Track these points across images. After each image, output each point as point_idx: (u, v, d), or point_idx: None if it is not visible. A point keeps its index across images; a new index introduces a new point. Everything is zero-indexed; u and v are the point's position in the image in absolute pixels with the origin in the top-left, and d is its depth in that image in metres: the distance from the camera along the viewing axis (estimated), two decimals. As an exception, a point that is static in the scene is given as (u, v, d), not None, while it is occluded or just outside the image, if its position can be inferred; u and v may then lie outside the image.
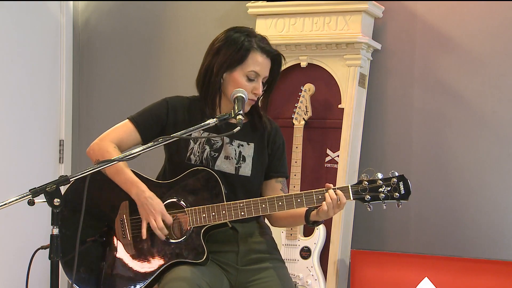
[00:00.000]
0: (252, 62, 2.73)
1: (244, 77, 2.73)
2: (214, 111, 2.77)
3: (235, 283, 2.74)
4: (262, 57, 2.74)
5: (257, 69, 2.73)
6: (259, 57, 2.73)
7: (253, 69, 2.72)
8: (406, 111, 3.95)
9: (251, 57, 2.73)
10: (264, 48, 2.75)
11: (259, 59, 2.73)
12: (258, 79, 2.74)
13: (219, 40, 2.78)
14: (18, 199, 2.28)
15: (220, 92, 2.77)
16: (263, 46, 2.75)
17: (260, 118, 2.84)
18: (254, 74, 2.73)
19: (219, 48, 2.76)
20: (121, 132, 2.78)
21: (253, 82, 2.73)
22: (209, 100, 2.77)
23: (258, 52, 2.74)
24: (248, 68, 2.72)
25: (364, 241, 3.93)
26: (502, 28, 3.78)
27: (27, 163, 4.40)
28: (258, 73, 2.73)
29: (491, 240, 3.75)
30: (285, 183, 2.89)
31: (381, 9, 3.95)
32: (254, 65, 2.73)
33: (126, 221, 2.75)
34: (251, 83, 2.73)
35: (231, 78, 2.74)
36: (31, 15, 4.44)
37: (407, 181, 2.60)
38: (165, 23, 4.54)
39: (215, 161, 2.76)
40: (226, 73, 2.74)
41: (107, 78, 4.67)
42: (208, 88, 2.77)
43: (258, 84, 2.74)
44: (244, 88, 2.70)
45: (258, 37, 2.77)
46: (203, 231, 2.68)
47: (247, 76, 2.73)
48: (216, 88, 2.76)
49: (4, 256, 4.25)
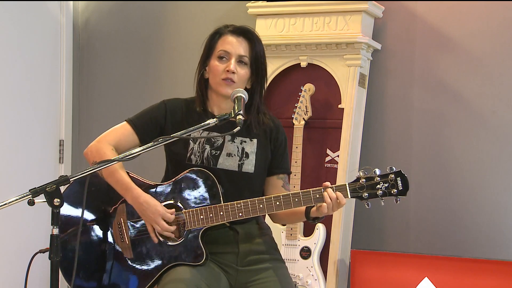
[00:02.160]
0: (220, 44, 2.76)
1: (216, 60, 2.75)
2: (204, 107, 2.79)
3: (235, 284, 2.74)
4: (231, 37, 2.76)
5: (226, 48, 2.75)
6: (228, 37, 2.76)
7: (221, 48, 2.75)
8: (406, 111, 3.95)
9: (220, 40, 2.77)
10: (234, 29, 2.78)
11: (228, 39, 2.76)
12: (229, 57, 2.74)
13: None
14: (18, 199, 2.27)
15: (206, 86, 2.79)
16: (232, 29, 2.78)
17: (263, 114, 2.83)
18: (223, 53, 2.74)
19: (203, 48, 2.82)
20: (119, 134, 2.77)
21: (225, 61, 2.75)
22: (198, 97, 2.80)
23: (226, 34, 2.77)
24: (217, 50, 2.76)
25: (364, 241, 3.93)
26: (502, 28, 3.78)
27: (27, 163, 4.40)
28: (227, 50, 2.74)
29: (491, 240, 3.75)
30: (287, 180, 2.88)
31: (381, 9, 3.95)
32: (222, 45, 2.75)
33: (123, 224, 2.75)
34: (223, 63, 2.74)
35: (209, 68, 2.77)
36: (31, 15, 4.44)
37: (404, 177, 2.59)
38: (165, 23, 4.54)
39: (217, 160, 2.76)
40: (207, 67, 2.78)
41: (107, 78, 4.67)
42: (197, 85, 2.81)
43: (230, 62, 2.74)
44: (217, 69, 2.72)
45: (230, 26, 2.80)
46: (202, 232, 2.68)
47: (218, 56, 2.75)
48: (202, 84, 2.79)
49: (4, 256, 4.25)
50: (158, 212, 2.65)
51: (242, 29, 2.79)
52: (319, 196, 2.61)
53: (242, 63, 2.76)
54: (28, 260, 2.67)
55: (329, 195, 2.59)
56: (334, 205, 2.60)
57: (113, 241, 2.75)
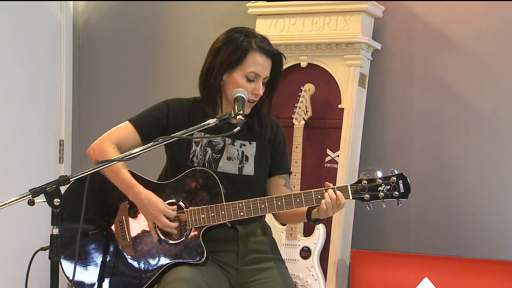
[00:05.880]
0: (251, 63, 2.70)
1: (244, 78, 2.71)
2: (215, 112, 2.75)
3: (235, 283, 2.74)
4: (261, 57, 2.71)
5: (257, 70, 2.70)
6: (258, 57, 2.71)
7: (252, 69, 2.70)
8: (406, 111, 3.95)
9: (250, 58, 2.70)
10: (264, 48, 2.72)
11: (258, 59, 2.71)
12: (258, 79, 2.72)
13: (219, 41, 2.76)
14: (18, 199, 2.27)
15: (220, 93, 2.76)
16: (262, 46, 2.72)
17: (261, 116, 2.82)
18: (253, 75, 2.71)
19: (218, 49, 2.75)
20: (121, 133, 2.77)
21: (252, 83, 2.71)
22: (210, 101, 2.76)
23: (257, 52, 2.71)
24: (247, 69, 2.70)
25: (364, 241, 3.93)
26: (502, 28, 3.78)
27: (27, 163, 4.40)
28: (257, 73, 2.71)
29: (491, 240, 3.75)
30: (288, 179, 2.89)
31: (381, 9, 3.95)
32: (253, 66, 2.70)
33: (125, 222, 2.75)
34: (251, 84, 2.71)
35: (231, 79, 2.72)
36: (31, 15, 4.44)
37: (406, 180, 2.59)
38: (165, 23, 4.54)
39: (217, 163, 2.76)
40: (225, 74, 2.73)
41: (107, 78, 4.67)
42: (208, 89, 2.76)
43: (258, 84, 2.72)
44: (244, 89, 2.68)
45: (258, 38, 2.74)
46: (203, 232, 2.68)
47: (247, 76, 2.71)
48: (216, 89, 2.74)
49: (4, 256, 4.25)
50: (159, 209, 2.65)
51: (271, 51, 2.74)
52: (320, 196, 2.61)
53: (263, 82, 2.75)
54: (28, 260, 2.67)
55: (329, 196, 2.59)
56: (334, 206, 2.60)
57: (114, 239, 2.75)
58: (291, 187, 2.91)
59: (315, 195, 2.62)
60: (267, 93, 2.81)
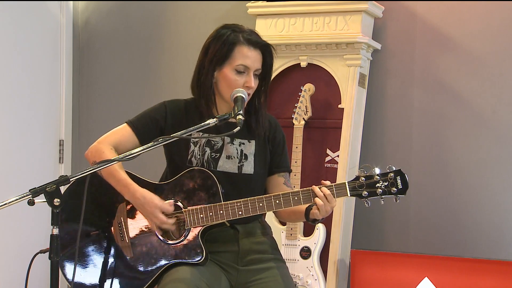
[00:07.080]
0: (239, 56, 2.70)
1: (233, 72, 2.70)
2: (210, 110, 2.75)
3: (235, 284, 2.74)
4: (249, 50, 2.70)
5: (245, 62, 2.69)
6: (245, 49, 2.70)
7: (240, 62, 2.69)
8: (406, 111, 3.95)
9: (238, 51, 2.70)
10: (251, 40, 2.71)
11: (246, 52, 2.70)
12: (248, 72, 2.71)
13: (208, 38, 2.77)
14: (18, 199, 2.27)
15: (213, 90, 2.75)
16: (249, 38, 2.71)
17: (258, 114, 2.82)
18: (242, 67, 2.70)
19: (208, 46, 2.75)
20: (119, 135, 2.77)
21: (243, 76, 2.70)
22: (203, 99, 2.76)
23: (244, 45, 2.70)
24: (236, 62, 2.69)
25: (364, 241, 3.93)
26: (502, 28, 3.78)
27: (27, 163, 4.40)
28: (246, 65, 2.70)
29: (491, 240, 3.75)
30: (288, 177, 2.88)
31: (381, 9, 3.95)
32: (241, 59, 2.69)
33: (124, 223, 2.75)
34: (242, 77, 2.70)
35: (222, 75, 2.72)
36: (31, 15, 4.44)
37: (404, 176, 2.58)
38: (165, 23, 4.54)
39: (217, 162, 2.76)
40: (216, 71, 2.72)
41: (107, 78, 4.67)
42: (201, 88, 2.76)
43: (249, 77, 2.71)
44: (236, 84, 2.68)
45: (246, 32, 2.74)
46: (202, 231, 2.68)
47: (236, 70, 2.70)
48: (208, 87, 2.74)
49: (4, 256, 4.25)
50: (155, 205, 2.65)
51: (259, 42, 2.73)
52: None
53: (255, 75, 2.74)
54: (28, 260, 2.68)
55: (321, 191, 2.59)
56: (325, 204, 2.59)
57: (113, 240, 2.75)
58: (291, 185, 2.91)
59: (313, 193, 2.61)
60: (261, 87, 2.79)
